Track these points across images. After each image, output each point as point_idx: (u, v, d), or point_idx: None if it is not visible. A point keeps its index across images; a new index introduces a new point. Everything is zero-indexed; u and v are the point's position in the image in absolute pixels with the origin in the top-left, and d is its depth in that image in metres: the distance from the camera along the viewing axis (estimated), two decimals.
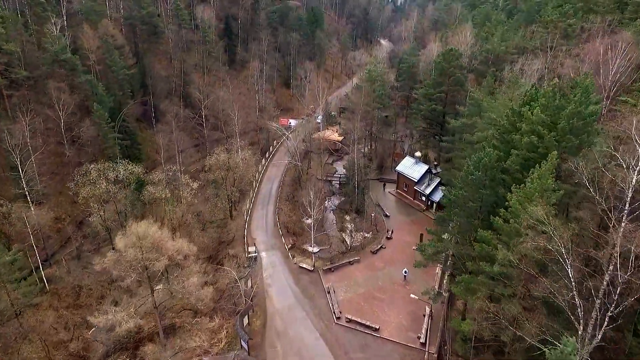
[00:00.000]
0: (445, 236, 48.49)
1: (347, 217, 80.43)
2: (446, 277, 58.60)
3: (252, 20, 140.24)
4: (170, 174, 71.06)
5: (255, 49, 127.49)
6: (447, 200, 45.34)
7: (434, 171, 77.91)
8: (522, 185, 34.79)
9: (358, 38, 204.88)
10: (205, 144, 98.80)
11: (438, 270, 60.66)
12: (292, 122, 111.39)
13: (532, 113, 38.99)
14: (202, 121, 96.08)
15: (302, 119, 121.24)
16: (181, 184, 70.77)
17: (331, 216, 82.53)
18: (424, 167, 79.44)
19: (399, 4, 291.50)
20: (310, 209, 65.64)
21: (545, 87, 66.18)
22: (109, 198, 64.69)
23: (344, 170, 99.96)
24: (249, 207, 79.31)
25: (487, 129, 54.58)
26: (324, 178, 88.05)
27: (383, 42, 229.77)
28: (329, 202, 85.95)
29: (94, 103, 79.35)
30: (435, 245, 45.96)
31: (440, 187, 76.29)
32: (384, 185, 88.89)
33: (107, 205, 66.20)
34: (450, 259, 49.52)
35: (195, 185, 68.49)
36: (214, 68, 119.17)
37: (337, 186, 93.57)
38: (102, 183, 62.15)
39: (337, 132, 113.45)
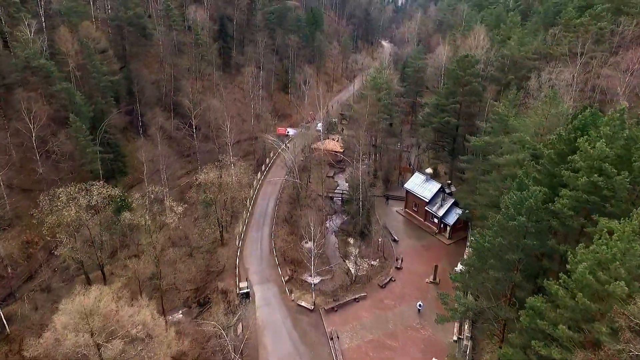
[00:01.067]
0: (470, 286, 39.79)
1: (351, 241, 71.90)
2: (468, 322, 49.99)
3: (249, 22, 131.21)
4: (153, 195, 62.24)
5: (252, 51, 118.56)
6: (477, 244, 36.63)
7: (447, 190, 69.26)
8: (590, 245, 26.08)
9: (359, 39, 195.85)
10: (196, 156, 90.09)
11: None
12: (291, 131, 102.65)
13: (591, 145, 30.26)
14: (193, 131, 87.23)
15: (301, 126, 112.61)
16: (166, 207, 61.97)
17: (333, 239, 73.96)
18: (436, 186, 70.78)
19: (399, 4, 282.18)
20: (310, 236, 57.12)
21: (572, 99, 57.72)
22: (81, 225, 55.88)
23: (346, 184, 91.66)
24: (242, 229, 70.59)
25: (517, 152, 45.99)
26: (325, 194, 79.37)
27: (384, 43, 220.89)
28: (331, 222, 77.33)
29: (71, 114, 70.73)
30: (463, 303, 37.16)
31: (454, 209, 67.81)
32: (387, 198, 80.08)
33: (81, 231, 57.46)
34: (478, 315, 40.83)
35: (180, 209, 59.58)
36: (207, 72, 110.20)
37: (339, 203, 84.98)
38: (72, 210, 53.24)
39: (338, 141, 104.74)
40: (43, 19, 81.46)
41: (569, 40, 65.04)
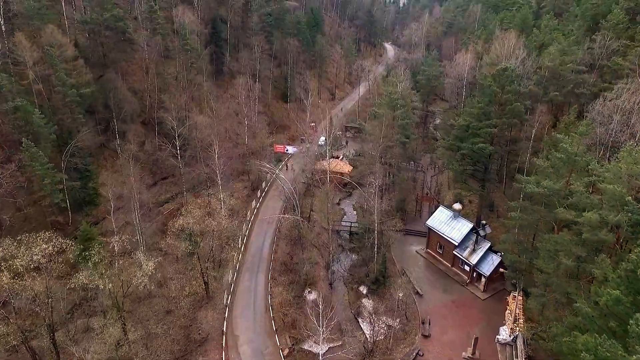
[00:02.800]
0: None
1: (363, 290, 58.61)
2: None
3: (244, 24, 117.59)
4: (119, 247, 48.51)
5: (247, 57, 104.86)
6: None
7: (481, 232, 55.82)
8: None
9: (361, 42, 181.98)
10: (181, 180, 76.62)
11: None
12: (290, 149, 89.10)
13: None
14: (177, 152, 73.54)
15: (302, 141, 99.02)
16: (137, 258, 48.34)
17: (341, 287, 60.58)
18: (466, 226, 57.49)
19: (401, 5, 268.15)
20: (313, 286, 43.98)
21: None
22: (20, 290, 42.38)
23: (354, 212, 78.32)
24: (232, 278, 57.18)
25: (606, 209, 32.76)
26: (332, 227, 65.75)
27: (387, 46, 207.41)
28: (338, 265, 63.96)
29: (24, 137, 57.37)
30: None
31: (490, 256, 54.55)
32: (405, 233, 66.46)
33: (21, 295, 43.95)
34: None
35: (151, 265, 45.96)
36: (197, 81, 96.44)
37: (347, 236, 71.64)
38: (4, 275, 39.75)
39: (342, 159, 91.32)
40: (2, 23, 67.98)
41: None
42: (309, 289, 58.33)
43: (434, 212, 70.43)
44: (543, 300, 38.47)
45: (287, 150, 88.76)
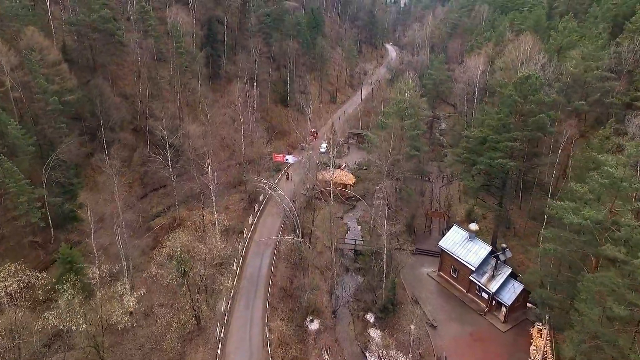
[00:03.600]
0: None
1: (370, 319, 52.99)
2: None
3: (241, 25, 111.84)
4: (98, 277, 42.74)
5: (244, 60, 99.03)
6: None
7: (501, 257, 50.13)
8: None
9: (362, 43, 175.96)
10: (173, 193, 70.94)
11: None
12: (290, 158, 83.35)
13: None
14: (168, 164, 67.76)
15: (302, 147, 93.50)
16: (120, 292, 42.63)
17: (345, 315, 54.92)
18: (484, 248, 51.85)
19: (402, 4, 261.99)
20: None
21: None
22: None
23: (358, 227, 72.67)
24: (227, 306, 51.47)
25: None
26: (335, 247, 59.89)
27: (389, 47, 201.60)
28: (342, 289, 58.30)
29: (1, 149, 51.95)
30: None
31: (511, 282, 48.96)
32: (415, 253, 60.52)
33: None
34: None
35: (132, 302, 40.27)
36: (191, 86, 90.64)
37: (352, 254, 65.97)
38: None
39: (344, 168, 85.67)
40: None
41: None
42: (311, 317, 52.72)
43: (446, 229, 65.20)
44: (583, 347, 32.83)
45: (286, 160, 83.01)
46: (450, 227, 65.79)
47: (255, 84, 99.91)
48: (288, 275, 58.05)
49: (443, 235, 64.72)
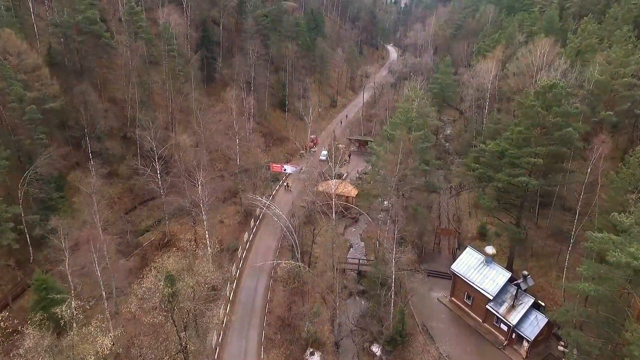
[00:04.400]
0: None
1: (377, 351, 47.72)
2: None
3: (238, 27, 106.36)
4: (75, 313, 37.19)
5: (241, 63, 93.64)
6: None
7: (522, 285, 44.85)
8: None
9: (363, 44, 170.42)
10: (163, 206, 65.64)
11: None
12: (288, 168, 78.06)
13: None
14: (157, 176, 62.41)
15: (301, 155, 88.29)
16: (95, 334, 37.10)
17: (349, 345, 49.60)
18: (502, 275, 46.58)
19: (403, 5, 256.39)
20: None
21: None
22: None
23: (362, 243, 67.46)
24: (218, 339, 46.15)
25: None
26: (338, 268, 54.45)
27: (390, 48, 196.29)
28: (345, 317, 52.89)
29: None
30: None
31: (534, 314, 43.70)
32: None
33: None
34: None
35: (108, 343, 34.87)
36: (184, 91, 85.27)
37: (355, 274, 60.70)
38: None
39: (345, 177, 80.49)
40: None
41: None
42: (311, 349, 47.47)
43: (457, 249, 60.16)
44: None
45: (284, 170, 77.69)
46: (461, 246, 60.93)
47: (252, 88, 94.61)
48: (286, 301, 52.79)
49: (454, 254, 59.78)
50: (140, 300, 38.77)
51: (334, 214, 51.36)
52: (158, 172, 61.46)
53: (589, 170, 41.46)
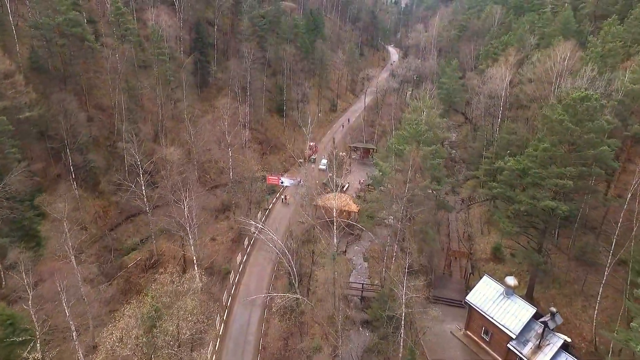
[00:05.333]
0: None
1: None
2: None
3: (233, 28, 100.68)
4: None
5: (236, 66, 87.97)
6: None
7: (550, 324, 39.16)
8: None
9: (363, 45, 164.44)
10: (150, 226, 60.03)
11: None
12: (286, 181, 72.35)
13: None
14: (142, 193, 56.74)
15: (299, 164, 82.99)
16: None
17: None
18: (526, 310, 40.92)
19: (403, 5, 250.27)
20: None
21: None
22: None
23: (365, 263, 61.83)
24: None
25: None
26: (340, 297, 48.66)
27: (391, 49, 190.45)
28: (348, 352, 47.17)
29: None
30: None
31: (563, 356, 37.94)
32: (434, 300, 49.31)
33: None
34: None
35: None
36: (175, 97, 79.59)
37: (357, 299, 55.08)
38: None
39: (346, 188, 74.90)
40: None
41: None
42: None
43: (470, 273, 54.39)
44: None
45: (282, 183, 71.99)
46: (474, 268, 55.37)
47: (248, 92, 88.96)
48: (282, 335, 47.04)
49: (467, 279, 54.15)
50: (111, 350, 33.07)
51: (334, 238, 45.66)
52: (143, 188, 55.75)
53: (629, 195, 35.75)
